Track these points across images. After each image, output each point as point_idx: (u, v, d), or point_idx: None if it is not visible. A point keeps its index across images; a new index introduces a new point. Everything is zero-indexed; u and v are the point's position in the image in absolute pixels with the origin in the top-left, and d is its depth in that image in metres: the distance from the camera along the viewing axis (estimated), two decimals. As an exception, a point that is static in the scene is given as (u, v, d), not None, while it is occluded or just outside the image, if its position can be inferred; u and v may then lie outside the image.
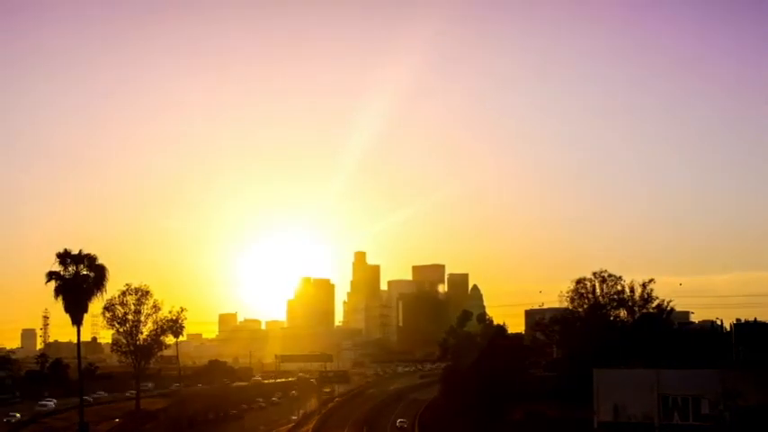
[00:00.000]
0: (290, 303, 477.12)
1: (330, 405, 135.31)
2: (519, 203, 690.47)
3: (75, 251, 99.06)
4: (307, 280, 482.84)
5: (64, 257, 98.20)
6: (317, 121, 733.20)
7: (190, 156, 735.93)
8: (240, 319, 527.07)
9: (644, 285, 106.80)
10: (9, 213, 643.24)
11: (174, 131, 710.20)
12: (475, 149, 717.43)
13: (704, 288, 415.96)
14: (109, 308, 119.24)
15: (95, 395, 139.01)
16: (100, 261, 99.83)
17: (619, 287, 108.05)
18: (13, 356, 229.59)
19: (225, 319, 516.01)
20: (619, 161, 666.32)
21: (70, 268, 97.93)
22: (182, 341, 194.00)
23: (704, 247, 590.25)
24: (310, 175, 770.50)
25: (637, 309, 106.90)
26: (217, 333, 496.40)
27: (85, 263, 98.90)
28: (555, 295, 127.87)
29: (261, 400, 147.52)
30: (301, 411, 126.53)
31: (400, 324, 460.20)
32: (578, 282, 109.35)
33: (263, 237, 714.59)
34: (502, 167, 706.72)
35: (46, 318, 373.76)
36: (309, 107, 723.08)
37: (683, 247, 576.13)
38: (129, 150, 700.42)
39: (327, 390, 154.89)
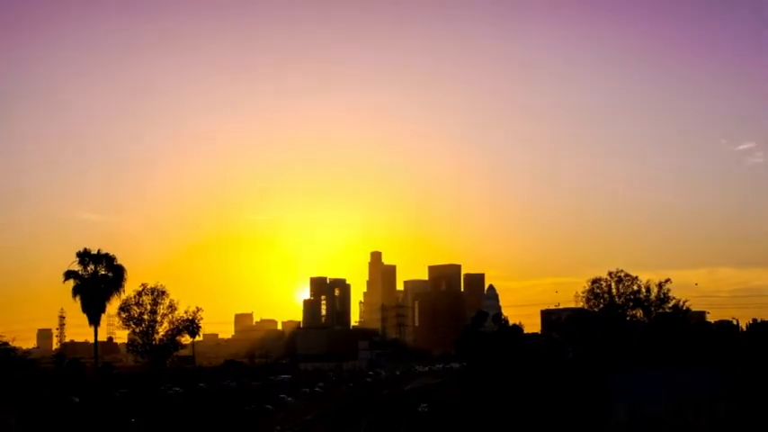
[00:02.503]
0: (305, 303, 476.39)
1: (340, 406, 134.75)
2: (534, 203, 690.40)
3: (93, 251, 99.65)
4: (323, 280, 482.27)
5: (83, 257, 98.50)
6: (332, 124, 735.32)
7: (204, 155, 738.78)
8: (256, 319, 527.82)
9: (660, 285, 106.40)
10: (23, 213, 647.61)
11: (188, 133, 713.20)
12: (489, 150, 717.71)
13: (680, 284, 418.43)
14: (125, 308, 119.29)
15: None
16: (118, 261, 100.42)
17: (635, 287, 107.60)
18: (30, 357, 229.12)
19: (241, 319, 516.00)
20: (627, 162, 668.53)
21: (89, 268, 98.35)
22: (198, 341, 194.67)
23: (675, 242, 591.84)
24: (325, 175, 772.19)
25: (653, 309, 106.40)
26: (233, 333, 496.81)
27: (104, 263, 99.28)
28: (571, 295, 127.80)
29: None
30: (312, 414, 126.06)
31: (416, 324, 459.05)
32: (594, 282, 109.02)
33: (279, 237, 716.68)
34: (516, 168, 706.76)
35: (62, 317, 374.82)
36: (324, 109, 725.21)
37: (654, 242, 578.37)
38: (143, 151, 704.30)
39: (341, 389, 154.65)
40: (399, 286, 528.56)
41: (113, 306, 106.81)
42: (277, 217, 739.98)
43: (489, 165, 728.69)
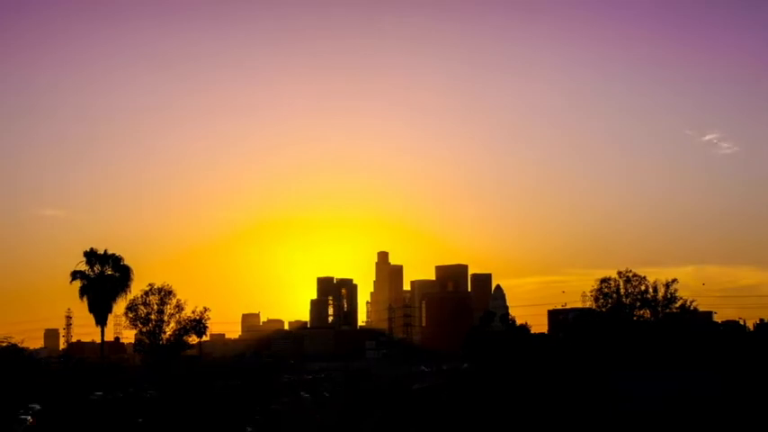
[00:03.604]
0: (312, 303, 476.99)
1: (347, 406, 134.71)
2: (541, 203, 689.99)
3: (100, 251, 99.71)
4: (329, 280, 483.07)
5: (90, 257, 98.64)
6: (339, 123, 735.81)
7: (210, 154, 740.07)
8: (263, 319, 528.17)
9: (667, 285, 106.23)
10: (31, 213, 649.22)
11: (195, 134, 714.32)
12: (495, 150, 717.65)
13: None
14: (132, 307, 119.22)
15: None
16: (125, 262, 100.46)
17: (643, 287, 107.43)
18: (37, 356, 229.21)
19: (248, 319, 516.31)
20: (632, 161, 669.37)
21: (95, 268, 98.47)
22: (205, 341, 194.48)
23: (661, 240, 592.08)
24: (332, 175, 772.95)
25: (660, 309, 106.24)
26: (240, 333, 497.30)
27: (110, 263, 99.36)
28: (578, 295, 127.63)
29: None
30: (319, 413, 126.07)
31: (423, 324, 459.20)
32: (602, 281, 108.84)
33: (286, 237, 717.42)
34: (523, 167, 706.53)
35: (69, 318, 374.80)
36: (331, 110, 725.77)
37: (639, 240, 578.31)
38: (150, 151, 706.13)
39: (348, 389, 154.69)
40: (406, 286, 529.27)
41: (120, 306, 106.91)
42: (283, 217, 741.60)
43: (495, 165, 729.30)
